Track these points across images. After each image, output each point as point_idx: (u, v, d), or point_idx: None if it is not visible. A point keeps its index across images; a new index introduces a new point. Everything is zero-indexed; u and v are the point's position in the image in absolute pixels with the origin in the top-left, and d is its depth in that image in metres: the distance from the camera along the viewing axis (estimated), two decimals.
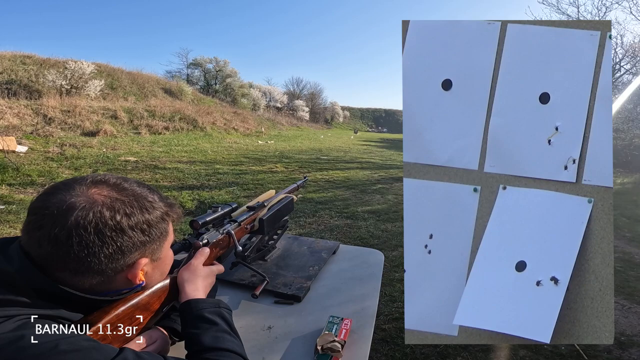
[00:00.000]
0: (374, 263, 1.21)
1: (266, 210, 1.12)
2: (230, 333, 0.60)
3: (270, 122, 23.26)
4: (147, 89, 16.81)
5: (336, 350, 0.67)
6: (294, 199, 1.33)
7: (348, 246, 1.38)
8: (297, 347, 0.73)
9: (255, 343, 0.75)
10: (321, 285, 1.02)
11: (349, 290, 0.99)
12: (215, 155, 9.65)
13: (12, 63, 12.79)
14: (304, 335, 0.76)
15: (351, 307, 0.88)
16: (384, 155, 14.41)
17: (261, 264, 1.14)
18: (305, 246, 1.31)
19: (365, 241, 3.61)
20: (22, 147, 7.14)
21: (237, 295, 0.94)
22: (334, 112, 45.35)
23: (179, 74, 27.24)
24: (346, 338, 0.72)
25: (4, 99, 9.83)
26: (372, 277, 1.09)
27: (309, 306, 0.90)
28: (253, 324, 0.82)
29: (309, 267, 1.12)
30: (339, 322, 0.76)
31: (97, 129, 9.99)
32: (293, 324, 0.82)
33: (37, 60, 13.73)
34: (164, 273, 0.64)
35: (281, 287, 0.97)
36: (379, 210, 5.02)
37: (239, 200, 5.35)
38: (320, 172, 8.44)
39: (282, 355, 0.71)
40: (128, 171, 6.78)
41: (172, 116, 13.57)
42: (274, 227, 1.20)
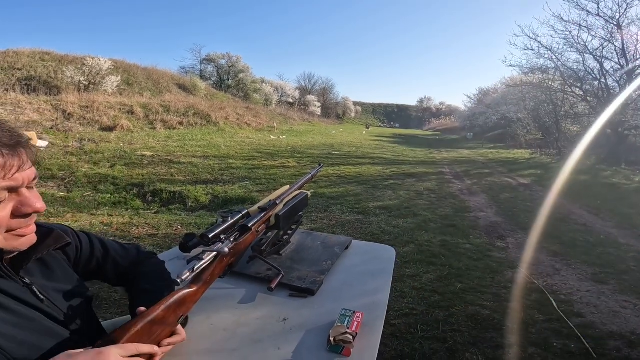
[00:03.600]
0: (386, 258, 1.23)
1: (282, 206, 1.15)
2: None
3: (282, 117, 23.31)
4: (162, 85, 17.06)
5: (348, 342, 0.70)
6: (308, 195, 1.35)
7: (360, 242, 1.40)
8: (310, 338, 0.76)
9: (271, 334, 0.78)
10: (334, 280, 1.05)
11: (361, 285, 1.02)
12: (228, 150, 9.75)
13: (31, 59, 13.14)
14: (318, 327, 0.79)
15: (363, 301, 0.91)
16: (396, 151, 14.31)
17: (276, 258, 1.18)
18: (319, 241, 1.34)
19: (377, 237, 3.61)
20: (42, 142, 7.37)
21: (254, 288, 0.98)
22: (345, 107, 45.17)
23: (192, 70, 27.57)
24: (358, 330, 0.74)
25: (23, 95, 10.13)
26: (384, 272, 1.11)
27: (322, 299, 0.93)
28: (269, 316, 0.85)
29: (323, 262, 1.14)
30: (351, 315, 0.79)
31: (115, 124, 10.21)
32: (307, 316, 0.85)
33: (56, 57, 14.07)
34: None
35: (296, 281, 1.00)
36: (391, 206, 5.01)
37: (252, 195, 5.42)
38: (332, 167, 8.44)
39: (297, 345, 0.74)
40: (145, 165, 6.91)
41: (186, 111, 13.75)
42: (289, 222, 1.22)
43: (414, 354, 1.71)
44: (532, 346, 1.80)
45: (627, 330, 1.98)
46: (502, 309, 2.17)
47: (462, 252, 3.23)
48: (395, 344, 1.79)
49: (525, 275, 2.71)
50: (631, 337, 1.91)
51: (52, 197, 4.76)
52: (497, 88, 25.33)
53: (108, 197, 5.21)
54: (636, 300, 2.35)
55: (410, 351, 1.73)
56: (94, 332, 0.71)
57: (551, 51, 10.86)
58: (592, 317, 2.10)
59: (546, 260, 3.11)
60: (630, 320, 2.09)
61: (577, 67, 10.78)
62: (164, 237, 3.32)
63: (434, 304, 2.20)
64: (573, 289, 2.50)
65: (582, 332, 1.90)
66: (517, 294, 2.38)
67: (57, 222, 3.26)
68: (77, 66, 13.00)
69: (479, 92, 29.31)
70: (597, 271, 2.85)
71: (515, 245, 3.54)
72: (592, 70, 10.63)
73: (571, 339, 1.85)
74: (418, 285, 2.47)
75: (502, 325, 1.98)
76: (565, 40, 10.54)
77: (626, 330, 1.98)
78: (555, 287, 2.54)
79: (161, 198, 5.35)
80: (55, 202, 4.41)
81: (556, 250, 3.36)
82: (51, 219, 3.47)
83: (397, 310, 2.13)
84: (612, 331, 1.96)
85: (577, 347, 1.79)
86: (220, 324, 0.81)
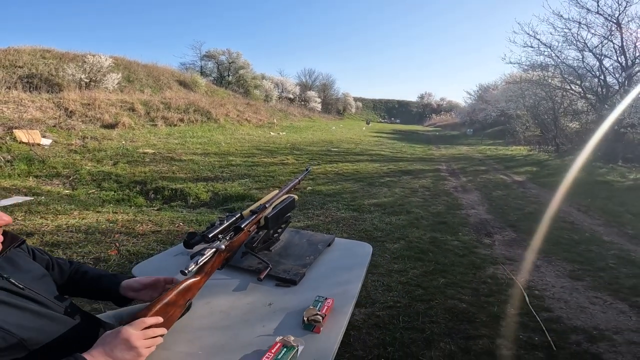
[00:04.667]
0: (362, 254, 1.40)
1: (271, 209, 1.32)
2: None
3: (282, 113, 23.41)
4: (162, 82, 17.16)
5: (318, 322, 0.86)
6: (295, 199, 1.52)
7: (342, 239, 1.57)
8: (290, 318, 0.93)
9: (258, 315, 0.95)
10: (314, 272, 1.22)
11: (336, 277, 1.19)
12: (228, 147, 9.89)
13: (32, 57, 13.24)
14: (297, 311, 0.96)
15: (336, 290, 1.07)
16: (395, 148, 14.44)
17: (266, 253, 1.35)
18: (305, 239, 1.51)
19: (369, 233, 3.77)
20: (46, 140, 7.52)
21: (246, 279, 1.15)
22: (346, 103, 45.21)
23: (192, 66, 27.64)
24: (327, 313, 0.91)
25: (25, 93, 10.27)
26: (358, 265, 1.28)
27: (303, 288, 1.10)
28: (257, 301, 1.02)
29: (306, 257, 1.31)
30: (323, 300, 0.96)
31: (116, 122, 10.36)
32: (289, 302, 1.02)
33: (57, 54, 14.17)
34: None
35: (281, 273, 1.17)
36: (385, 203, 5.16)
37: (251, 192, 5.58)
38: (330, 164, 8.60)
39: (278, 324, 0.91)
40: (146, 163, 7.06)
41: (186, 108, 13.89)
42: (278, 223, 1.39)
43: (394, 342, 1.87)
44: (500, 338, 1.94)
45: (591, 325, 2.11)
46: (478, 303, 2.33)
47: (450, 249, 3.39)
48: (378, 333, 1.95)
49: (505, 271, 2.88)
50: (593, 332, 2.04)
51: (57, 195, 4.94)
52: (497, 84, 25.41)
53: (112, 194, 5.38)
54: (607, 296, 2.49)
55: (391, 340, 1.88)
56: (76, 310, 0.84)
57: (550, 48, 11.01)
58: (559, 312, 2.25)
59: (528, 257, 3.27)
60: (596, 316, 2.22)
61: (577, 64, 10.89)
62: (167, 233, 3.48)
63: (416, 297, 2.37)
64: (548, 285, 2.67)
65: (547, 326, 2.04)
66: (494, 289, 2.54)
67: (64, 219, 3.40)
68: (78, 64, 13.12)
69: (479, 88, 29.43)
70: (576, 268, 3.01)
71: (501, 242, 3.71)
72: (592, 67, 10.75)
73: (536, 332, 2.00)
74: (404, 280, 2.63)
75: (476, 318, 2.14)
76: (564, 38, 10.68)
77: (590, 325, 2.12)
78: (531, 282, 2.70)
79: (163, 195, 5.52)
80: (61, 199, 4.57)
81: (540, 248, 3.52)
82: (59, 216, 3.64)
83: (382, 302, 2.29)
84: (576, 326, 2.10)
85: (541, 340, 1.92)
86: (218, 307, 0.98)
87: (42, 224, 3.37)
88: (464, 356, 1.77)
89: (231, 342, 0.83)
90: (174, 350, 0.77)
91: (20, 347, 0.66)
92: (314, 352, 0.80)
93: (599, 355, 1.83)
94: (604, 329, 2.07)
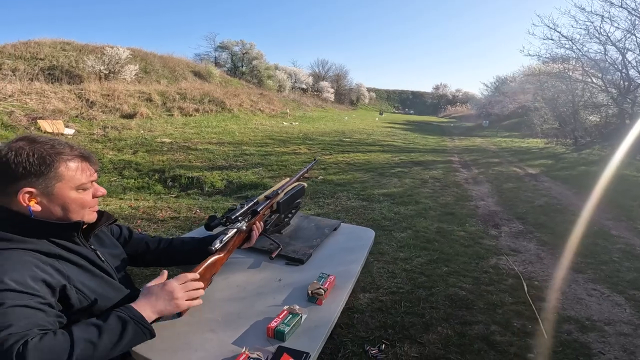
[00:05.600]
0: (365, 238, 1.53)
1: (283, 195, 1.45)
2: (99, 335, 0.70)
3: (295, 103, 23.48)
4: (178, 72, 17.44)
5: (320, 295, 1.00)
6: (304, 186, 1.65)
7: (348, 224, 1.70)
8: (297, 292, 1.07)
9: (270, 289, 1.09)
10: (320, 253, 1.36)
11: (340, 257, 1.32)
12: (242, 137, 10.07)
13: (52, 49, 13.64)
14: (303, 286, 1.09)
15: (338, 268, 1.21)
16: (407, 138, 14.38)
17: (278, 235, 1.49)
18: (313, 223, 1.65)
19: (377, 222, 3.88)
20: (69, 129, 7.86)
21: (259, 258, 1.29)
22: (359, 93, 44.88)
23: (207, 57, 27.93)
24: (329, 287, 1.05)
25: (47, 85, 10.65)
26: (360, 248, 1.41)
27: (309, 267, 1.24)
28: (268, 277, 1.16)
29: (314, 239, 1.45)
30: (326, 277, 1.09)
31: (134, 112, 10.67)
32: (296, 278, 1.15)
33: (76, 47, 14.55)
34: (67, 209, 0.82)
35: (291, 253, 1.31)
36: (395, 193, 5.26)
37: (264, 181, 5.74)
38: (342, 154, 8.69)
39: (286, 296, 1.05)
40: (164, 152, 7.30)
41: (201, 98, 14.13)
42: (289, 207, 1.53)
43: (395, 325, 1.99)
44: (495, 324, 2.04)
45: (584, 316, 2.19)
46: (478, 291, 2.43)
47: (455, 239, 3.49)
48: (380, 316, 2.08)
49: (508, 262, 2.96)
50: (585, 322, 2.11)
51: None
52: (515, 76, 24.81)
53: (132, 182, 5.64)
54: (605, 289, 2.55)
55: (392, 323, 2.01)
56: (130, 284, 1.02)
57: (572, 41, 10.80)
58: (555, 302, 2.33)
59: (533, 249, 3.34)
60: (591, 307, 2.29)
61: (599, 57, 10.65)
62: (185, 219, 3.69)
63: (419, 284, 2.49)
64: (549, 276, 2.74)
65: (542, 315, 2.13)
66: (495, 279, 2.64)
67: None
68: (97, 55, 13.47)
69: (496, 80, 28.78)
70: (579, 260, 3.06)
71: (508, 234, 3.77)
72: (614, 61, 10.48)
73: (530, 321, 2.09)
74: (408, 268, 2.76)
75: (474, 305, 2.24)
76: (586, 31, 10.45)
77: (583, 316, 2.19)
78: (533, 274, 2.78)
79: (180, 183, 5.75)
80: None
81: (545, 240, 3.58)
82: None
83: (386, 288, 2.42)
84: (570, 316, 2.18)
85: (534, 328, 2.01)
86: (234, 282, 1.13)
87: None
88: (459, 339, 1.89)
89: (246, 311, 0.97)
90: (198, 317, 0.92)
91: (89, 309, 0.81)
92: (316, 320, 0.94)
93: (587, 345, 1.91)
94: (596, 320, 2.14)
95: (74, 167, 0.82)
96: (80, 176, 0.83)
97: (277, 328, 0.85)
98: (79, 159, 0.84)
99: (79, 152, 0.85)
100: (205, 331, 0.89)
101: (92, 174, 0.87)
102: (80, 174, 0.83)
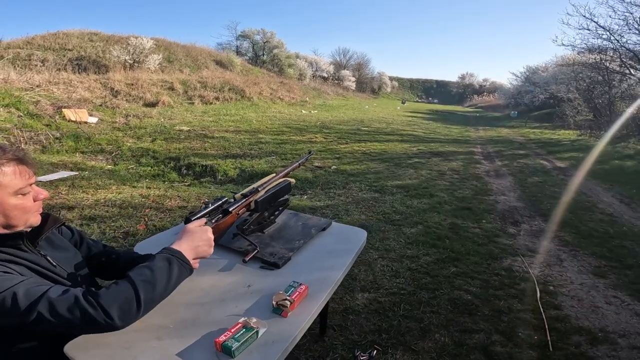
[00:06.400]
0: (354, 240, 1.41)
1: (263, 193, 1.36)
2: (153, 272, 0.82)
3: (315, 91, 23.27)
4: (200, 61, 17.61)
5: (285, 307, 0.91)
6: (291, 183, 1.56)
7: (339, 224, 1.59)
8: (264, 301, 0.98)
9: (235, 295, 1.01)
10: (301, 256, 1.26)
11: (321, 262, 1.22)
12: (259, 125, 10.05)
13: (80, 40, 14.07)
14: (272, 294, 1.00)
15: (314, 276, 1.11)
16: (429, 128, 13.93)
17: (259, 235, 1.40)
18: (301, 222, 1.55)
19: (387, 216, 3.75)
20: (92, 118, 8.08)
21: (233, 260, 1.21)
22: (381, 82, 44.01)
23: (228, 46, 28.10)
24: (297, 299, 0.95)
25: (75, 74, 11.00)
26: (346, 252, 1.30)
27: (285, 272, 1.15)
28: (238, 282, 1.08)
29: (296, 241, 1.35)
30: (296, 286, 1.00)
31: (157, 100, 10.88)
32: (267, 285, 1.07)
33: (103, 37, 14.95)
34: (9, 217, 0.79)
35: (267, 256, 1.22)
36: (409, 185, 5.07)
37: (276, 170, 5.68)
38: (358, 143, 8.50)
39: (251, 305, 0.96)
40: (181, 140, 7.38)
41: (222, 87, 14.22)
42: (270, 206, 1.44)
43: (390, 330, 1.88)
44: (497, 333, 1.89)
45: (598, 326, 2.00)
46: (485, 295, 2.27)
47: (469, 236, 3.30)
48: (376, 319, 1.97)
49: (523, 264, 2.77)
50: (598, 334, 1.92)
51: (100, 170, 5.35)
52: (548, 66, 23.44)
53: (148, 169, 5.74)
54: (626, 296, 2.33)
55: (388, 327, 1.90)
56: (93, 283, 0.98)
57: (609, 32, 10.19)
58: (569, 311, 2.14)
59: (553, 250, 3.11)
60: (607, 317, 2.09)
61: (639, 48, 9.96)
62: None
63: (422, 286, 2.35)
64: (567, 281, 2.53)
65: (552, 324, 1.96)
66: (506, 282, 2.45)
67: (103, 193, 3.68)
68: (123, 46, 13.78)
69: (526, 70, 27.28)
70: (602, 264, 2.82)
71: (528, 232, 3.54)
72: None
73: (537, 331, 1.92)
74: (414, 267, 2.62)
75: (478, 311, 2.09)
76: (625, 22, 9.84)
77: (597, 326, 2.00)
78: (549, 277, 2.58)
79: (194, 171, 5.80)
80: (103, 174, 4.95)
81: (568, 240, 3.33)
82: (99, 191, 3.96)
83: (387, 288, 2.29)
84: (582, 326, 2.00)
85: (540, 339, 1.85)
86: (200, 284, 1.06)
87: (83, 198, 3.67)
88: (455, 349, 1.76)
89: (202, 319, 0.90)
90: (147, 322, 0.85)
91: None
92: (276, 334, 0.85)
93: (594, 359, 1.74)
94: (610, 331, 1.95)
95: (9, 172, 0.78)
96: (17, 181, 0.79)
97: (224, 343, 0.77)
98: (14, 162, 0.79)
99: (13, 154, 0.80)
100: (151, 338, 0.83)
101: (30, 177, 0.83)
102: (17, 179, 0.79)
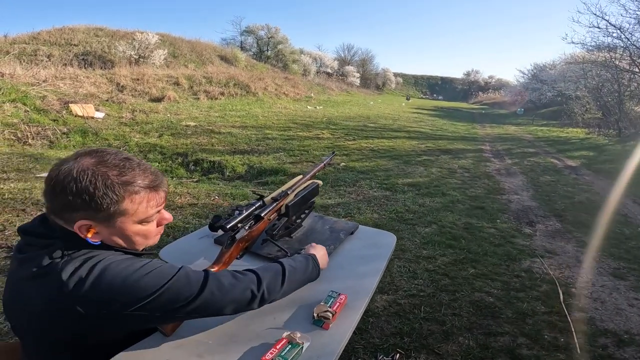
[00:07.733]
0: (384, 245, 1.37)
1: (293, 196, 1.32)
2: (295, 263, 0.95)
3: (320, 87, 23.12)
4: (205, 57, 17.52)
5: (327, 319, 0.87)
6: (319, 184, 1.51)
7: (366, 227, 1.54)
8: (301, 312, 0.94)
9: (271, 307, 0.95)
10: (332, 262, 1.21)
11: (354, 269, 1.17)
12: (265, 121, 10.00)
13: (86, 35, 14.01)
14: (309, 303, 0.96)
15: (349, 283, 1.07)
16: (436, 125, 13.82)
17: (287, 240, 1.36)
18: (328, 226, 1.50)
19: (400, 215, 3.70)
20: (99, 113, 8.06)
21: None
22: (385, 78, 43.73)
23: (233, 41, 27.97)
24: (338, 310, 0.91)
25: (81, 70, 10.96)
26: (378, 257, 1.25)
27: (318, 280, 1.10)
28: None
29: (327, 246, 1.30)
30: (336, 296, 0.96)
31: (162, 95, 10.83)
32: (302, 294, 1.02)
33: (109, 32, 14.89)
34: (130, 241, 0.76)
35: None
36: (420, 183, 5.02)
37: (284, 166, 5.65)
38: (366, 140, 8.44)
39: (289, 316, 0.92)
40: (188, 135, 7.35)
41: (227, 82, 14.14)
42: (300, 210, 1.40)
43: (412, 332, 1.84)
44: (523, 336, 1.85)
45: (623, 329, 1.97)
46: (507, 297, 2.23)
47: (484, 237, 3.26)
48: (397, 322, 1.93)
49: (543, 265, 2.72)
50: (624, 336, 1.90)
51: None
52: (556, 64, 23.18)
53: (156, 165, 5.71)
54: None
55: (409, 330, 1.86)
56: None
57: (620, 30, 10.14)
58: (593, 313, 2.11)
59: (571, 251, 3.06)
60: (631, 319, 2.06)
61: None
62: (203, 206, 3.66)
63: (442, 287, 2.31)
64: (588, 282, 2.49)
65: (577, 327, 1.92)
66: (527, 284, 2.41)
67: None
68: (128, 41, 13.72)
69: (533, 67, 27.00)
70: (621, 266, 2.77)
71: (544, 233, 3.49)
72: None
73: (563, 333, 1.89)
74: (431, 268, 2.58)
75: (501, 313, 2.05)
76: (636, 20, 9.82)
77: (622, 328, 1.98)
78: (570, 279, 2.53)
79: (202, 167, 5.77)
80: None
81: (586, 241, 3.28)
82: None
83: (405, 290, 2.26)
84: (607, 329, 1.97)
85: (566, 342, 1.82)
86: None
87: None
88: (481, 352, 1.72)
89: (241, 333, 0.86)
90: (187, 338, 0.82)
91: None
92: (320, 348, 0.81)
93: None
94: (635, 334, 1.93)
95: (139, 200, 0.73)
96: (145, 209, 0.75)
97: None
98: (147, 190, 0.74)
99: (149, 181, 0.75)
100: (192, 355, 0.79)
101: (160, 203, 0.78)
102: (145, 207, 0.75)
